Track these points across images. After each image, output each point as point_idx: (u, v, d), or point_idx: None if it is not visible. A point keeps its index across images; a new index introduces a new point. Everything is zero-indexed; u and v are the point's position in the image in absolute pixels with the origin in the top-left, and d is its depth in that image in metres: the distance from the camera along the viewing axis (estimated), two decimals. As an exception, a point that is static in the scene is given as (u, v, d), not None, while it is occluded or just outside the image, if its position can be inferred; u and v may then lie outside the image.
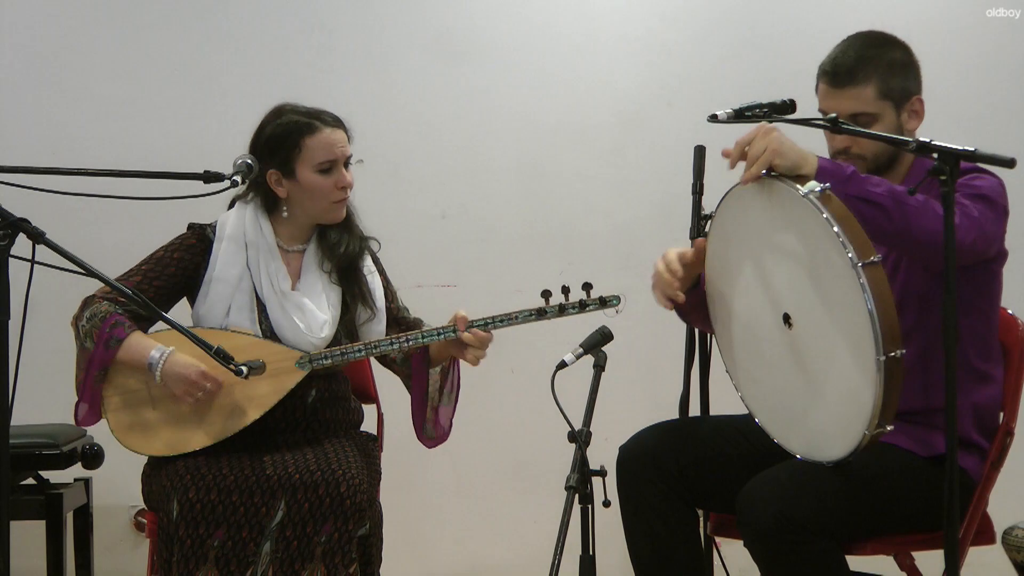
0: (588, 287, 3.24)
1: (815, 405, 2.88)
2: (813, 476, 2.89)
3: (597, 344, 3.00)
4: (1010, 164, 2.65)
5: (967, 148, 2.63)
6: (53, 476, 4.03)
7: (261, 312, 3.36)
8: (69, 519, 4.08)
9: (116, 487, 4.40)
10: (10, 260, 2.65)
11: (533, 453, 4.69)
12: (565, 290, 3.24)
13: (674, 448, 3.15)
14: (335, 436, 3.39)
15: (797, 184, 2.75)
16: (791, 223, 2.81)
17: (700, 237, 3.18)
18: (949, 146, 2.64)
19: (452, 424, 3.43)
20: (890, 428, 2.75)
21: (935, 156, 2.64)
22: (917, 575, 3.07)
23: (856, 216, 2.72)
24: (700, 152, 3.47)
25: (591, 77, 4.77)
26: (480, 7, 4.78)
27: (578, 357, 2.98)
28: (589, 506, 2.81)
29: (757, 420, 3.07)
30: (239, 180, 3.17)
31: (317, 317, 3.35)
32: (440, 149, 4.77)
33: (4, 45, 4.70)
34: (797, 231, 2.81)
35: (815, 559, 2.84)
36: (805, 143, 2.85)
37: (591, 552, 2.82)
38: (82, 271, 2.75)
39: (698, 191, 3.44)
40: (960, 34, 4.72)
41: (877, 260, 2.67)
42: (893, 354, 2.66)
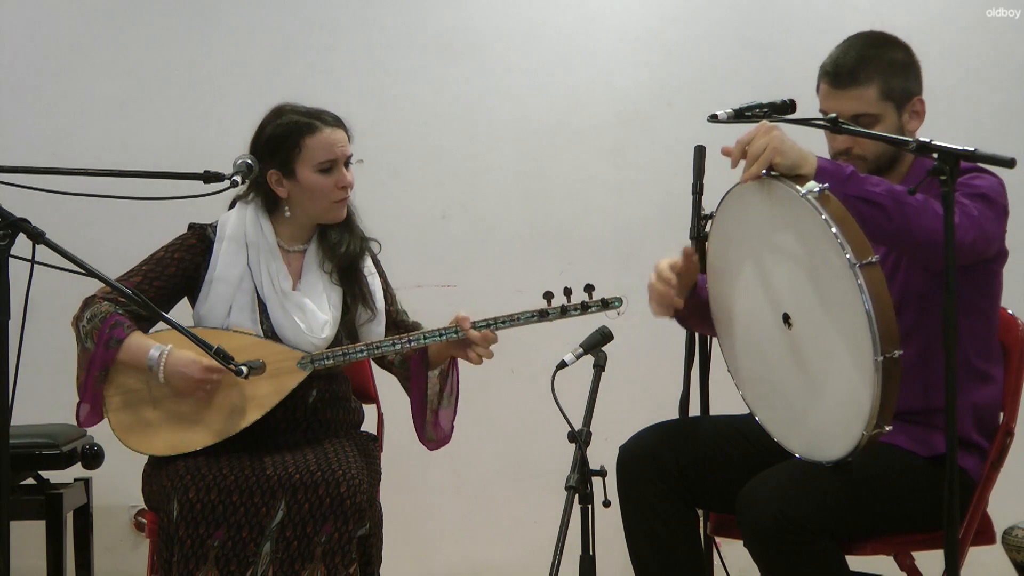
0: (590, 288, 3.24)
1: (815, 405, 2.88)
2: (813, 476, 2.88)
3: (597, 344, 3.00)
4: (1010, 164, 2.65)
5: (967, 148, 2.63)
6: (53, 476, 4.03)
7: (262, 312, 3.36)
8: (69, 519, 4.07)
9: (116, 487, 4.40)
10: (10, 260, 2.65)
11: (533, 453, 4.69)
12: (567, 291, 3.24)
13: (674, 448, 3.15)
14: (335, 436, 3.38)
15: (796, 184, 2.75)
16: (790, 223, 2.81)
17: (692, 241, 3.18)
18: (949, 146, 2.63)
19: (453, 427, 3.43)
20: (888, 428, 2.75)
21: (935, 156, 2.64)
22: (917, 575, 3.07)
23: (856, 216, 2.72)
24: (700, 152, 3.47)
25: (591, 77, 4.77)
26: (480, 7, 4.78)
27: (578, 357, 2.98)
28: (589, 506, 2.81)
29: (758, 419, 3.07)
30: (239, 180, 3.17)
31: (318, 317, 3.35)
32: (440, 149, 4.76)
33: (4, 45, 4.70)
34: (796, 231, 2.81)
35: (815, 559, 2.84)
36: (805, 143, 2.85)
37: (591, 552, 2.82)
38: (82, 271, 2.75)
39: (698, 191, 3.44)
40: (960, 34, 4.72)
41: (875, 261, 2.67)
42: (891, 355, 2.66)
